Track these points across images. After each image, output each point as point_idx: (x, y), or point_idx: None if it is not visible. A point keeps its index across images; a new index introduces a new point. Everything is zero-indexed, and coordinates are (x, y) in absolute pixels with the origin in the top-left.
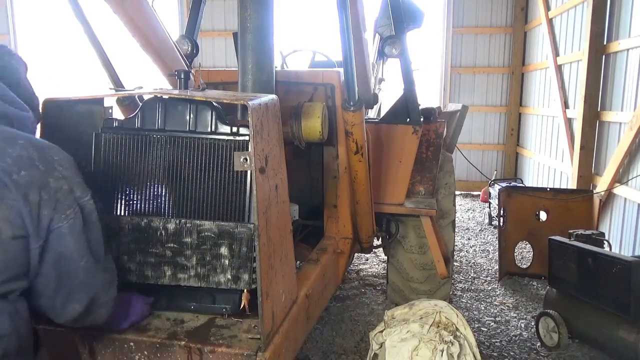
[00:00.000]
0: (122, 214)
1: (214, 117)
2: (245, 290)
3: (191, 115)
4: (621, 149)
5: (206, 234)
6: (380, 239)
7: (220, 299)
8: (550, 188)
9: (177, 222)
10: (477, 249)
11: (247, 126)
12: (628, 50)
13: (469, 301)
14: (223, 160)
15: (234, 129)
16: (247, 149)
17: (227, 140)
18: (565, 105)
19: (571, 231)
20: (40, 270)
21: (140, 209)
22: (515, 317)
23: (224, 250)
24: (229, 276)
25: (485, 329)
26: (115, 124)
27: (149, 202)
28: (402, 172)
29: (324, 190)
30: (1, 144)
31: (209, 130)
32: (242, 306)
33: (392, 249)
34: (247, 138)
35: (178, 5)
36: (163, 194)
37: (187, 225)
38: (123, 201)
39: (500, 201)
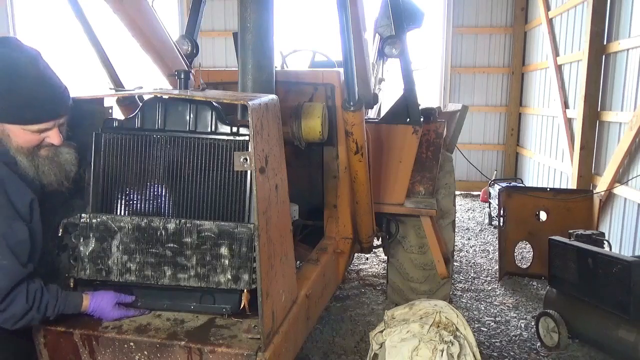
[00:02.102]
0: (122, 214)
1: (214, 117)
2: (245, 290)
3: (191, 115)
4: (621, 149)
5: (206, 234)
6: (380, 239)
7: (221, 299)
8: (550, 188)
9: (177, 222)
10: (477, 249)
11: (247, 126)
12: (628, 50)
13: (469, 301)
14: (223, 160)
15: (234, 129)
16: (247, 149)
17: (227, 140)
18: (565, 105)
19: (571, 231)
20: None
21: (141, 209)
22: (515, 317)
23: (224, 250)
24: (229, 276)
25: (485, 329)
26: (115, 124)
27: (149, 202)
28: (402, 172)
29: (324, 190)
30: None
31: (209, 130)
32: (242, 306)
33: (392, 249)
34: (247, 138)
35: (178, 5)
36: (163, 194)
37: (187, 225)
38: (123, 201)
39: (500, 201)
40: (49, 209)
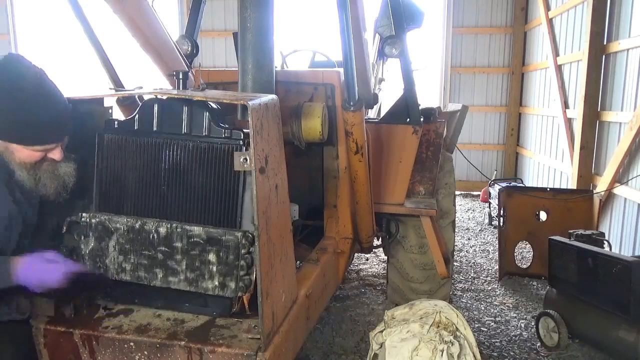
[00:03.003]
0: (120, 214)
1: (208, 119)
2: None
3: (186, 118)
4: (621, 149)
5: (195, 239)
6: (380, 239)
7: (212, 302)
8: (550, 188)
9: (169, 226)
10: (477, 249)
11: (239, 129)
12: (628, 50)
13: (469, 301)
14: (216, 164)
15: (227, 133)
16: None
17: (221, 143)
18: (565, 105)
19: (571, 231)
20: None
21: (138, 210)
22: (515, 317)
23: (211, 256)
24: (217, 283)
25: (485, 329)
26: (115, 124)
27: (146, 204)
28: (402, 172)
29: (324, 190)
30: None
31: (202, 133)
32: (233, 310)
33: (392, 249)
34: (240, 142)
35: (178, 5)
36: (158, 196)
37: (178, 230)
38: (122, 202)
39: (500, 201)
40: (50, 208)
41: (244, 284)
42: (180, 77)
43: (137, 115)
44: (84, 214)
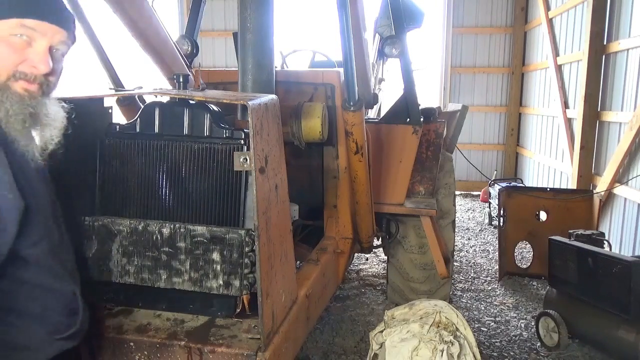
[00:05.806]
0: (123, 217)
1: (209, 121)
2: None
3: (187, 120)
4: (621, 149)
5: (199, 239)
6: (380, 239)
7: (216, 302)
8: (550, 188)
9: (172, 226)
10: (477, 249)
11: (241, 129)
12: (628, 50)
13: (469, 301)
14: (218, 165)
15: (228, 133)
16: (241, 152)
17: (222, 144)
18: (565, 105)
19: (571, 231)
20: None
21: (141, 212)
22: (515, 317)
23: (215, 255)
24: (221, 282)
25: (485, 329)
26: (117, 128)
27: (149, 206)
28: (402, 172)
29: (324, 190)
30: None
31: (204, 134)
32: (237, 310)
33: (392, 249)
34: (242, 142)
35: (178, 5)
36: (161, 198)
37: (181, 230)
38: (125, 204)
39: (500, 201)
40: None
41: (248, 282)
42: (181, 80)
43: (138, 119)
44: (86, 217)
